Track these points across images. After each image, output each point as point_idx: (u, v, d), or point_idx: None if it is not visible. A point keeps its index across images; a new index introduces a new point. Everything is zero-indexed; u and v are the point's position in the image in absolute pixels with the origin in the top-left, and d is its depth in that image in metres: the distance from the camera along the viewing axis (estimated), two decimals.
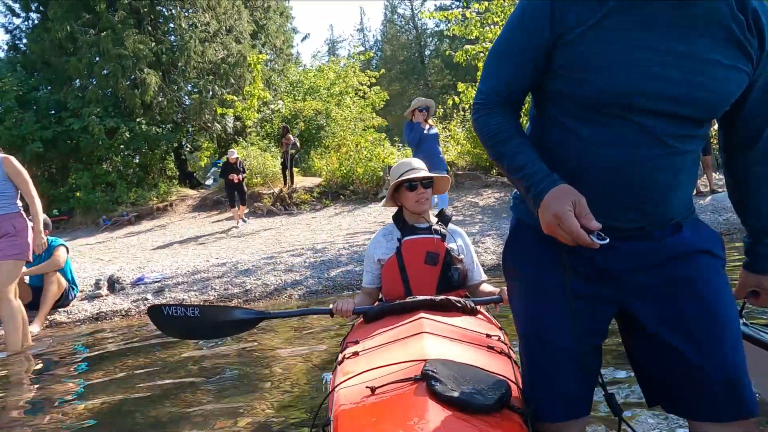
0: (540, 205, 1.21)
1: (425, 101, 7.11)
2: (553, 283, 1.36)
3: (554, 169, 1.28)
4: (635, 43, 1.19)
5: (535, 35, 1.27)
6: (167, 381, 3.19)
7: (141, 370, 3.50)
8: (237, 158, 12.42)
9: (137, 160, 19.33)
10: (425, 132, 6.97)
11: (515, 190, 1.48)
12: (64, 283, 5.67)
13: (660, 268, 1.33)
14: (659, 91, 1.20)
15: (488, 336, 1.93)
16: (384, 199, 2.85)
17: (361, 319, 2.43)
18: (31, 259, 4.47)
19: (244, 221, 12.19)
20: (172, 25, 19.63)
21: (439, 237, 2.65)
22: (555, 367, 1.37)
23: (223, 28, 19.91)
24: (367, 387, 1.44)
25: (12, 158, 4.40)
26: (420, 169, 2.75)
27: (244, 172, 12.62)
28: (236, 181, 11.91)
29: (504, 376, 1.51)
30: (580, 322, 1.33)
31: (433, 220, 2.78)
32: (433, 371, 1.39)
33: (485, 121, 1.37)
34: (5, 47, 20.38)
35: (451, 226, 2.79)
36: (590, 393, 1.41)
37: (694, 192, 1.31)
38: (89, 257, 10.11)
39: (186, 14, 19.36)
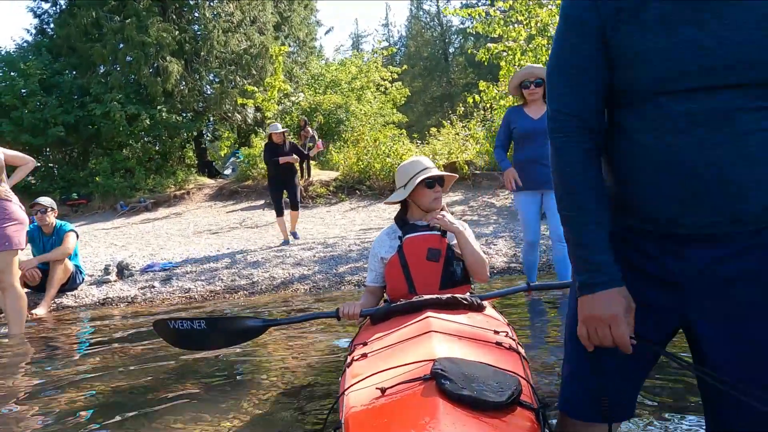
0: (594, 295, 1.21)
1: (533, 70, 4.36)
2: None
3: (614, 172, 1.24)
4: (676, 18, 1.10)
5: (586, 30, 1.20)
6: (167, 373, 3.13)
7: (141, 359, 3.45)
8: (283, 133, 8.37)
9: (157, 148, 19.49)
10: (536, 120, 4.29)
11: None
12: (71, 267, 5.67)
13: (732, 284, 1.16)
14: (711, 64, 1.07)
15: (496, 332, 1.93)
16: (390, 196, 2.81)
17: (368, 320, 2.42)
18: (22, 246, 4.38)
19: (295, 237, 8.34)
20: (196, 14, 19.72)
21: (440, 233, 2.64)
22: (597, 367, 1.30)
23: (247, 18, 19.97)
24: (377, 388, 1.43)
25: None
26: (433, 167, 2.75)
27: (299, 154, 8.46)
28: (291, 161, 8.14)
29: (514, 373, 1.50)
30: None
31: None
32: (442, 370, 1.38)
33: (560, 156, 1.27)
34: (33, 31, 20.68)
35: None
36: (627, 400, 1.35)
37: None
38: (103, 242, 10.17)
39: (210, 4, 19.46)
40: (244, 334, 2.74)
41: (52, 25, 19.95)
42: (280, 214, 8.16)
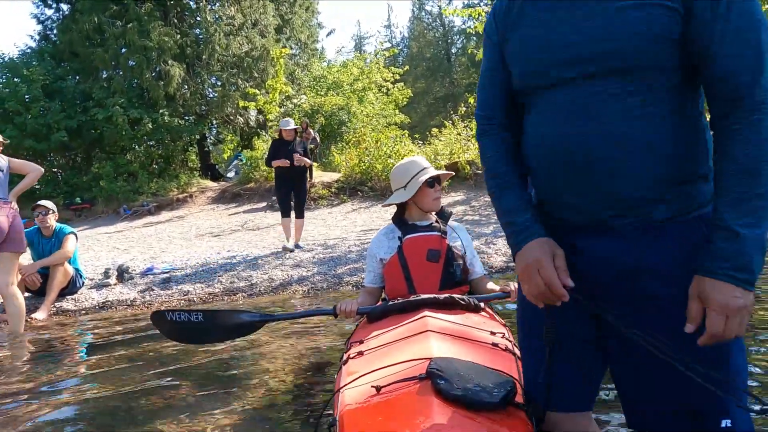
0: (521, 250, 1.27)
1: None
2: None
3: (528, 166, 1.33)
4: (536, 21, 1.25)
5: (491, 43, 1.38)
6: (164, 373, 3.14)
7: (139, 361, 3.47)
8: (295, 131, 7.43)
9: (160, 151, 19.56)
10: None
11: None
12: (71, 271, 5.68)
13: (630, 280, 1.22)
14: (562, 57, 1.19)
15: (492, 333, 1.93)
16: (390, 198, 2.80)
17: (365, 318, 2.43)
18: None
19: (299, 247, 7.41)
20: (197, 18, 19.76)
21: (439, 234, 2.65)
22: (538, 358, 1.34)
23: (249, 21, 20.01)
24: (372, 386, 1.44)
25: None
26: (430, 167, 2.76)
27: (308, 155, 7.69)
28: (302, 163, 7.23)
29: (509, 374, 1.52)
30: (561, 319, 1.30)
31: (433, 217, 2.79)
32: (437, 369, 1.39)
33: (482, 151, 1.43)
34: (37, 37, 20.81)
35: (451, 222, 2.80)
36: (578, 389, 1.37)
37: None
38: (106, 246, 10.21)
39: (212, 7, 19.50)
40: (241, 328, 2.73)
41: (55, 31, 20.06)
42: (286, 214, 7.49)
